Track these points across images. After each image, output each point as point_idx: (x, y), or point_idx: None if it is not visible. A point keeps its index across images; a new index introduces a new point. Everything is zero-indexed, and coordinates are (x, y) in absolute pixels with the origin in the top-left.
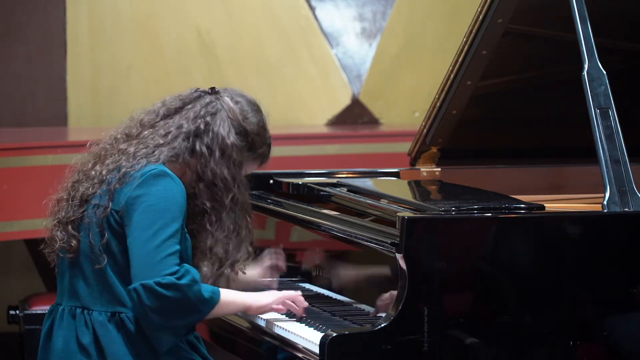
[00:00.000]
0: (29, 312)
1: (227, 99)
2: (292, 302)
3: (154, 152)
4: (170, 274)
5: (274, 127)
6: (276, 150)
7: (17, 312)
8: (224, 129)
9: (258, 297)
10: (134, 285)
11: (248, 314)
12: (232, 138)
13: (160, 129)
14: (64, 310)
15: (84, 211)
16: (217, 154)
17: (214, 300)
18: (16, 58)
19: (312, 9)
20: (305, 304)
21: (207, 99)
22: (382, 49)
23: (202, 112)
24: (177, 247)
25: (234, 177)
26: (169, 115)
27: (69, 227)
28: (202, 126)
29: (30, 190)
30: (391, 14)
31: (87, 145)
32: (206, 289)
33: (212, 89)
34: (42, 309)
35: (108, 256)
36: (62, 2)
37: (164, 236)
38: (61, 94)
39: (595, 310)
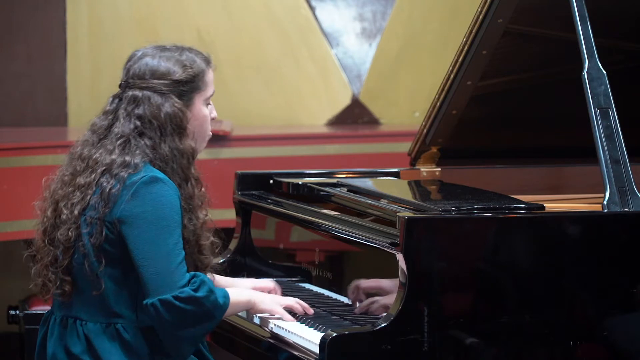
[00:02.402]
0: (29, 312)
1: (137, 80)
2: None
3: (125, 161)
4: (185, 285)
5: (274, 127)
6: (276, 150)
7: (17, 312)
8: (154, 107)
9: (262, 297)
10: (152, 300)
11: (250, 312)
12: (165, 108)
13: (107, 146)
14: (55, 319)
15: (72, 254)
16: (157, 136)
17: (226, 305)
18: (16, 58)
19: (312, 9)
20: (308, 309)
21: (124, 95)
22: (382, 49)
23: (128, 109)
24: (183, 253)
25: (173, 149)
26: (104, 135)
27: (60, 273)
28: (137, 122)
29: (30, 190)
30: (391, 14)
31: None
32: (219, 294)
33: (120, 85)
34: (42, 309)
35: (106, 276)
36: (62, 2)
37: (169, 246)
38: (61, 94)
39: (595, 310)
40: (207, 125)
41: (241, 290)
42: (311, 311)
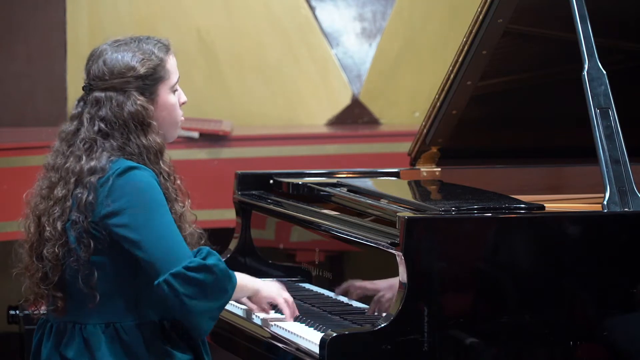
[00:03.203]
0: (28, 312)
1: (98, 81)
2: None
3: (92, 167)
4: (194, 256)
5: (274, 127)
6: (276, 151)
7: (17, 312)
8: (115, 107)
9: (267, 284)
10: (163, 277)
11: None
12: (127, 107)
13: (75, 153)
14: (52, 325)
15: (62, 269)
16: (122, 136)
17: (235, 281)
18: (16, 58)
19: (312, 9)
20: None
21: (88, 98)
22: (382, 49)
23: (92, 112)
24: (177, 228)
25: (139, 146)
26: (73, 142)
27: (51, 290)
28: (101, 124)
29: None
30: (391, 14)
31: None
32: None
33: (83, 88)
34: (42, 309)
35: (100, 280)
36: (62, 2)
37: (165, 224)
38: (61, 94)
39: (595, 310)
40: (176, 113)
41: (248, 276)
42: (296, 312)
